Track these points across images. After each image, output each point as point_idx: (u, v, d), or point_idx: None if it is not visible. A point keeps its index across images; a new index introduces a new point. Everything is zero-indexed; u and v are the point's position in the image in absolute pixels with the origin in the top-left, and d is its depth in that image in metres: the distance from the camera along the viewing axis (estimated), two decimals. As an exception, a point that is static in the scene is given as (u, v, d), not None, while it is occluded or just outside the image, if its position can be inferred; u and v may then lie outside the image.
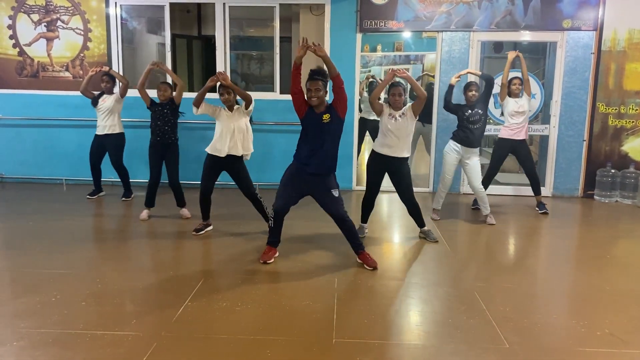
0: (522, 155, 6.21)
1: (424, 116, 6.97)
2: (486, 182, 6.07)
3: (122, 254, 4.73)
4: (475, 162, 5.66)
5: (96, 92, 6.35)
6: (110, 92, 6.34)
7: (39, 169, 7.41)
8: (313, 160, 4.25)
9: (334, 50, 7.00)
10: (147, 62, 8.78)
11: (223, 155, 4.93)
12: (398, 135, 4.82)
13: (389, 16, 6.88)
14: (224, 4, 7.08)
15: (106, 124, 6.30)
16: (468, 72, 6.06)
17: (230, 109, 4.98)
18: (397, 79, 4.91)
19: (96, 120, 6.40)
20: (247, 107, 4.96)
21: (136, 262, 4.56)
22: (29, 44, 7.26)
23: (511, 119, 6.09)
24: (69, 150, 7.31)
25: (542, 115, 7.38)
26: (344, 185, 6.88)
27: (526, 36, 7.03)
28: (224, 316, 3.46)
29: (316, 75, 4.16)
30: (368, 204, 5.16)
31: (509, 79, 6.09)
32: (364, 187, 7.34)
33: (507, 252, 5.11)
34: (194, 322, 3.36)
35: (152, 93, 5.63)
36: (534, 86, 6.86)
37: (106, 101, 6.30)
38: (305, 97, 4.24)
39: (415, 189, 4.98)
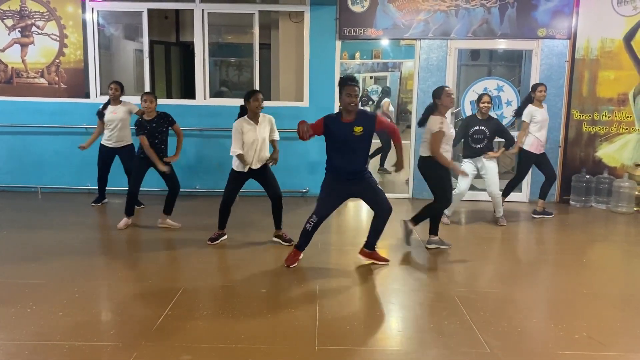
0: (542, 165, 6.42)
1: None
2: (508, 190, 6.41)
3: (100, 264, 4.65)
4: (492, 166, 5.83)
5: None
6: (117, 100, 6.14)
7: (12, 177, 7.23)
8: (347, 166, 4.29)
9: (314, 58, 7.02)
10: (125, 68, 8.79)
11: (255, 167, 4.95)
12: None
13: (367, 24, 6.93)
14: (202, 10, 7.05)
15: (118, 135, 6.12)
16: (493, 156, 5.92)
17: (255, 119, 4.90)
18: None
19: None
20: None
21: (114, 272, 4.48)
22: (3, 50, 7.11)
23: (537, 129, 6.19)
24: (44, 158, 7.16)
25: (518, 122, 7.49)
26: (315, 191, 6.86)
27: (502, 44, 7.16)
28: (205, 325, 3.42)
29: (350, 80, 4.23)
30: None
31: (537, 87, 6.18)
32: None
33: (486, 257, 5.15)
34: (175, 332, 3.32)
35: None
36: (510, 93, 6.99)
37: (117, 113, 6.10)
38: (344, 103, 4.21)
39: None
